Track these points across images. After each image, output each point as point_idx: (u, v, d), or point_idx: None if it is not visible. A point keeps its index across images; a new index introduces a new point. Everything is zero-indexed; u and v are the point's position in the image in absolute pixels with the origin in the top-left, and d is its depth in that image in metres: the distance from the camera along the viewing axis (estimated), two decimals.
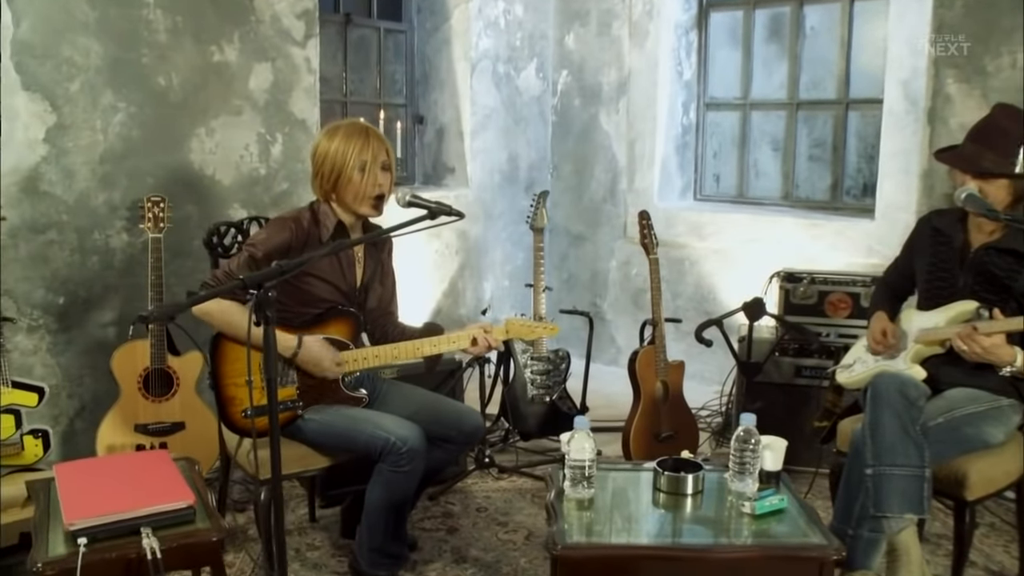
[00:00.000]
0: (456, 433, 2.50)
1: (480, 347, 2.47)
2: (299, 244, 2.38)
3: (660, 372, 3.22)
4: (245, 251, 2.37)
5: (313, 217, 2.44)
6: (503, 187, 4.88)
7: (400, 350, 2.45)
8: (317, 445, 2.43)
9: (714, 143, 4.92)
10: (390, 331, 2.66)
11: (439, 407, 2.55)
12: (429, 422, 2.47)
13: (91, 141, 3.15)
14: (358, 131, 2.41)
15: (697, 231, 4.59)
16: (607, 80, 4.84)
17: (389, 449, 2.31)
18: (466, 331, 2.49)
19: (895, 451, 2.21)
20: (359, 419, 2.39)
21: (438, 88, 4.74)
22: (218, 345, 2.38)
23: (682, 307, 4.62)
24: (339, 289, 2.47)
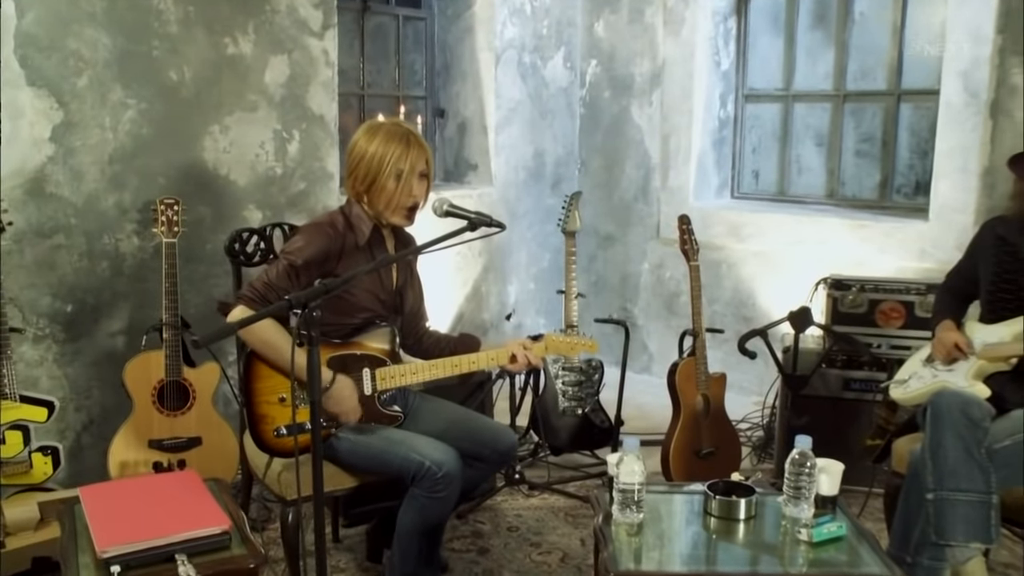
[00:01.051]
0: (489, 452, 2.52)
1: (519, 364, 2.50)
2: (337, 250, 2.41)
3: (701, 385, 3.23)
4: (283, 260, 2.38)
5: (347, 221, 2.46)
6: (528, 184, 4.89)
7: (438, 367, 2.48)
8: (349, 465, 2.46)
9: (753, 137, 4.91)
10: (424, 339, 2.70)
11: (471, 424, 2.57)
12: (461, 439, 2.49)
13: (100, 139, 3.18)
14: (399, 135, 2.41)
15: (735, 232, 4.58)
16: (639, 71, 4.84)
17: (424, 474, 2.32)
18: (505, 347, 2.52)
19: (958, 475, 2.23)
20: (394, 440, 2.41)
21: (460, 79, 4.74)
22: (251, 361, 2.41)
23: (719, 313, 4.62)
24: (378, 296, 2.49)
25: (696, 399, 3.23)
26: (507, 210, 4.76)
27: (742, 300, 4.57)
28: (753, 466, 3.71)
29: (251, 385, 2.40)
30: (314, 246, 2.40)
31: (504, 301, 4.84)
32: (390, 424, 2.50)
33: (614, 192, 5.03)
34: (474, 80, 4.69)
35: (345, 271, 2.39)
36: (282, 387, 2.41)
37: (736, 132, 4.89)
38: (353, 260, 2.43)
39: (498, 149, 4.70)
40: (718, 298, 4.63)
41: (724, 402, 3.31)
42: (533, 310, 4.99)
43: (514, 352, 2.50)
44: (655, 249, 4.89)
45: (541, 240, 4.94)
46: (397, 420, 2.51)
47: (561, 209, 3.60)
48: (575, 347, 2.62)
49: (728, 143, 4.90)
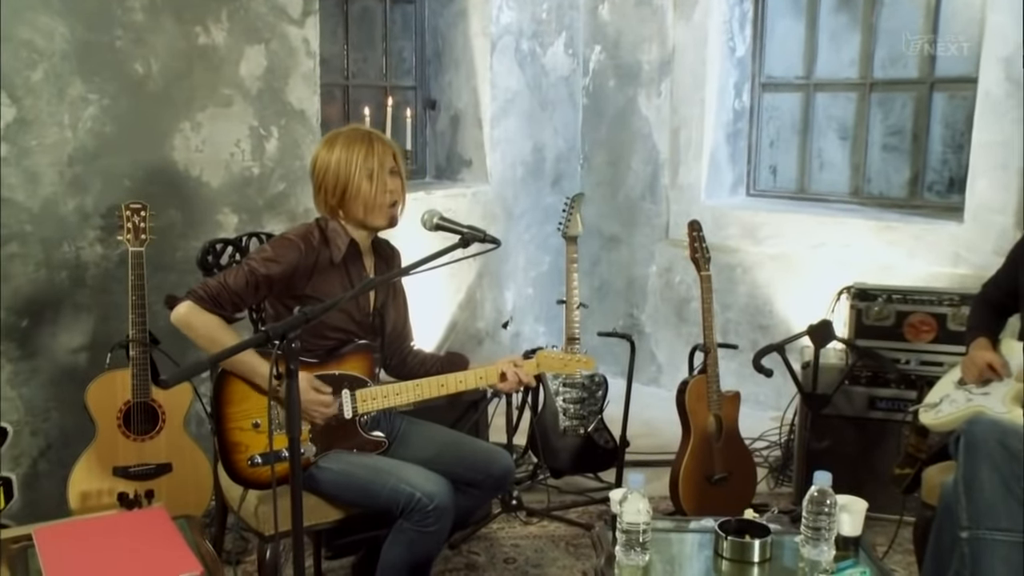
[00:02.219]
0: (484, 477, 2.52)
1: (510, 383, 2.52)
2: (308, 267, 2.41)
3: (712, 405, 3.21)
4: (246, 266, 2.39)
5: (323, 235, 2.46)
6: (527, 182, 4.87)
7: (423, 388, 2.48)
8: (332, 497, 2.45)
9: (771, 130, 4.88)
10: (409, 359, 2.70)
11: (463, 448, 2.57)
12: (453, 464, 2.50)
13: (58, 139, 3.14)
14: (359, 137, 2.45)
15: (751, 233, 4.57)
16: (647, 58, 4.81)
17: (414, 506, 2.31)
18: (495, 365, 2.53)
19: (996, 513, 2.19)
20: (381, 470, 2.39)
21: (453, 68, 4.72)
22: (223, 383, 2.39)
23: (733, 321, 4.60)
24: (352, 317, 2.49)
25: (707, 421, 3.21)
26: (503, 209, 4.75)
27: (758, 307, 4.55)
28: (771, 489, 3.69)
29: (222, 410, 2.38)
30: (283, 262, 2.40)
31: (500, 308, 4.82)
32: (374, 450, 2.49)
33: (619, 190, 5.00)
34: (468, 69, 4.66)
35: (315, 290, 2.41)
36: (256, 411, 2.39)
37: (752, 124, 4.87)
38: (326, 278, 2.43)
39: (494, 143, 4.68)
40: (732, 305, 4.61)
41: (738, 423, 3.29)
42: (532, 317, 4.97)
43: (504, 370, 2.51)
44: (663, 251, 4.87)
45: (540, 242, 4.92)
46: (381, 446, 2.50)
47: (562, 211, 3.59)
48: (570, 365, 2.61)
49: (743, 136, 4.88)
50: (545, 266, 4.98)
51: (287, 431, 1.88)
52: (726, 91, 4.74)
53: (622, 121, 4.95)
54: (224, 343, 2.26)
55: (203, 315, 2.34)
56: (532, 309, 4.98)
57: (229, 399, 2.39)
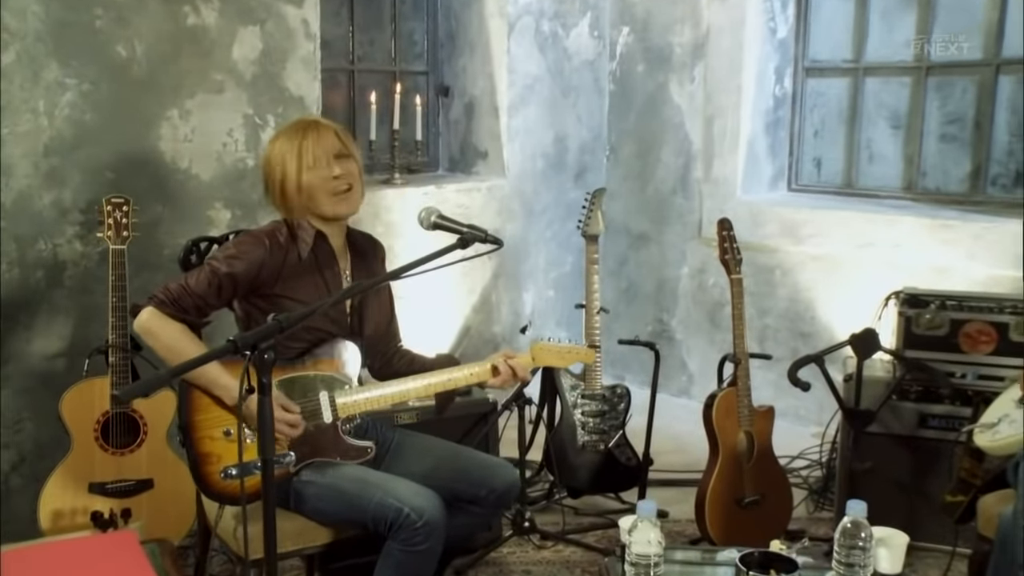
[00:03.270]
0: (485, 493, 2.51)
1: (503, 378, 2.52)
2: (275, 266, 2.42)
3: (743, 421, 3.14)
4: (207, 266, 2.40)
5: (290, 232, 2.48)
6: (547, 175, 4.84)
7: (409, 388, 2.48)
8: (318, 514, 2.43)
9: (815, 119, 4.82)
10: (395, 361, 2.70)
11: (463, 461, 2.56)
12: (451, 479, 2.49)
13: (32, 127, 3.12)
14: (297, 128, 2.48)
15: (791, 232, 4.49)
16: (679, 40, 4.77)
17: (401, 522, 2.29)
18: (486, 361, 2.54)
19: None
20: (368, 483, 2.38)
21: (467, 52, 4.69)
22: (190, 389, 2.37)
23: (771, 328, 4.54)
24: (327, 315, 2.48)
25: (738, 438, 3.14)
26: (522, 205, 4.71)
27: (798, 313, 4.48)
28: (810, 514, 3.61)
29: (190, 418, 2.36)
30: (247, 259, 2.40)
31: (518, 312, 4.78)
32: (359, 458, 2.48)
33: (648, 184, 4.96)
34: (483, 52, 4.63)
35: (286, 290, 2.42)
36: (228, 418, 2.37)
37: (795, 113, 4.80)
38: (296, 277, 2.45)
39: (512, 134, 4.65)
40: (770, 310, 4.55)
41: (771, 441, 3.22)
42: (553, 322, 4.92)
43: (496, 365, 2.51)
44: (696, 251, 4.81)
45: (562, 240, 4.87)
46: (366, 453, 2.49)
47: (582, 208, 3.55)
48: (567, 357, 2.63)
49: (784, 126, 4.81)
50: (567, 266, 4.93)
51: (260, 451, 1.85)
52: (765, 76, 4.68)
53: (652, 109, 4.90)
54: (186, 353, 2.25)
55: (165, 322, 2.34)
56: (553, 313, 4.93)
57: (197, 406, 2.37)
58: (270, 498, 1.85)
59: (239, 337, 1.80)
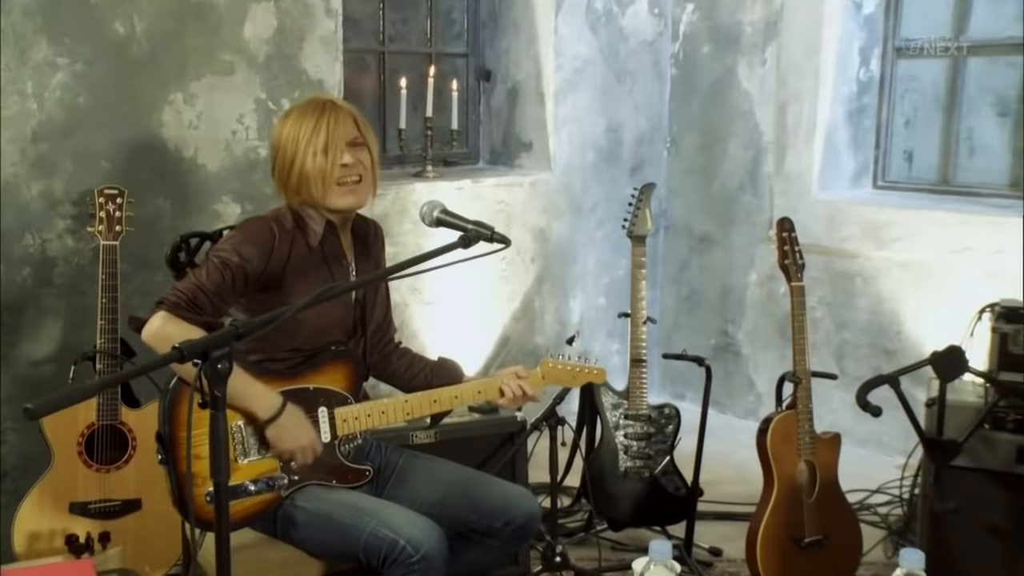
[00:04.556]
0: (502, 525, 2.48)
1: (510, 398, 2.57)
2: (283, 252, 2.41)
3: (803, 449, 3.04)
4: (214, 258, 2.38)
5: (296, 218, 2.48)
6: (599, 169, 4.79)
7: (413, 404, 2.50)
8: (305, 544, 2.41)
9: (907, 106, 4.71)
10: (394, 358, 2.72)
11: (477, 489, 2.54)
12: (463, 509, 2.48)
13: (20, 110, 3.11)
14: (313, 107, 2.48)
15: (875, 234, 4.40)
16: (749, 18, 4.71)
17: (396, 556, 2.26)
18: (494, 377, 2.58)
19: None
20: (362, 510, 2.35)
21: (511, 32, 4.66)
22: (175, 402, 2.31)
23: (850, 343, 4.45)
24: (332, 316, 2.49)
25: (796, 468, 3.03)
26: (570, 202, 4.69)
27: (882, 327, 4.38)
28: (888, 558, 3.47)
29: (174, 433, 2.31)
30: (257, 245, 2.38)
31: (564, 321, 4.74)
32: (356, 482, 2.47)
33: (714, 179, 4.91)
34: (529, 32, 4.58)
35: (294, 279, 2.42)
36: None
37: (882, 99, 4.72)
38: (303, 270, 2.44)
39: (559, 123, 4.61)
40: (849, 323, 4.47)
41: (837, 473, 3.11)
42: (603, 332, 4.86)
43: (504, 384, 2.56)
44: (766, 255, 4.71)
45: (615, 242, 4.81)
46: (363, 477, 2.48)
47: (628, 205, 3.49)
48: (579, 376, 2.69)
49: (870, 114, 4.73)
50: (621, 271, 4.90)
51: (212, 473, 1.78)
52: (848, 58, 4.59)
53: (718, 96, 4.86)
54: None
55: (184, 327, 2.30)
56: (604, 322, 4.87)
57: (182, 420, 2.31)
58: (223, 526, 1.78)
59: (185, 344, 1.72)
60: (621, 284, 4.84)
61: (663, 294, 5.08)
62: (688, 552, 3.34)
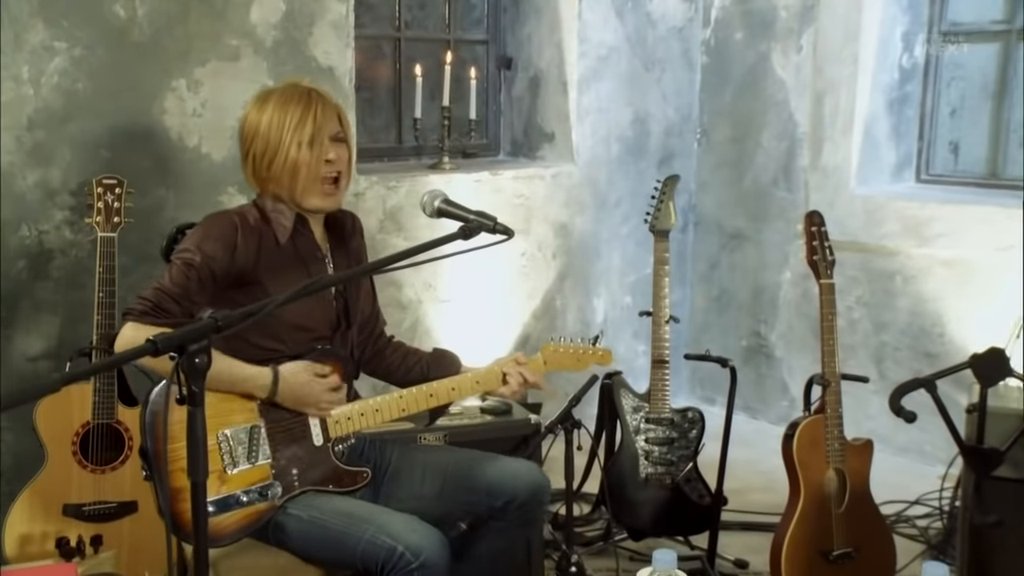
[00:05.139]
0: (503, 503, 2.48)
1: (512, 388, 2.55)
2: (250, 247, 2.40)
3: (832, 456, 3.01)
4: (176, 260, 2.38)
5: (261, 214, 2.47)
6: (624, 161, 4.78)
7: (408, 400, 2.49)
8: (300, 552, 2.39)
9: (953, 95, 4.66)
10: (388, 353, 2.72)
11: (474, 470, 2.54)
12: (464, 495, 2.50)
13: (15, 96, 3.12)
14: (296, 95, 2.45)
15: (917, 231, 4.36)
16: (784, 2, 4.70)
17: (395, 563, 2.24)
18: (493, 366, 2.57)
19: None
20: (357, 517, 2.34)
21: (533, 17, 4.65)
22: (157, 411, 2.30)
23: (890, 345, 4.43)
24: (311, 310, 2.47)
25: (825, 476, 2.99)
26: (594, 196, 4.68)
27: (923, 329, 4.34)
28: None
29: (156, 447, 2.30)
30: (219, 241, 2.37)
31: (587, 320, 4.71)
32: (353, 485, 2.46)
33: (746, 173, 4.89)
34: (551, 18, 4.57)
35: (272, 278, 2.40)
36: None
37: (927, 88, 4.68)
38: (276, 268, 2.42)
39: (583, 113, 4.60)
40: (889, 325, 4.43)
41: (868, 481, 3.07)
42: (629, 333, 4.83)
43: (505, 372, 2.54)
44: (801, 253, 4.55)
45: (641, 238, 4.75)
46: (362, 479, 2.47)
47: (651, 198, 3.48)
48: (584, 359, 2.71)
49: (913, 103, 4.69)
50: (648, 268, 4.78)
51: (189, 472, 1.77)
52: (890, 43, 4.55)
53: (751, 85, 4.84)
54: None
55: (151, 332, 2.25)
56: (630, 322, 4.84)
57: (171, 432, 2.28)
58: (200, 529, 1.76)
59: (159, 337, 1.70)
60: (648, 282, 4.73)
61: (692, 293, 5.05)
62: (711, 564, 3.31)
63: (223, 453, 2.28)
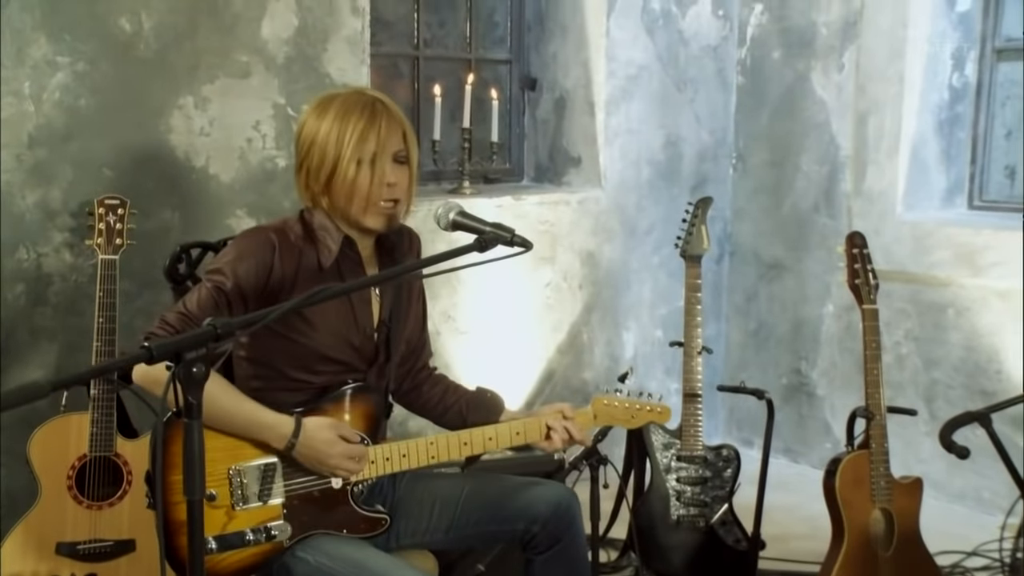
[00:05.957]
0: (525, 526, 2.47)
1: (556, 443, 2.51)
2: (287, 269, 2.36)
3: (878, 495, 3.00)
4: (207, 282, 2.33)
5: (306, 231, 2.42)
6: (656, 187, 4.80)
7: (439, 447, 2.45)
8: None
9: (1008, 115, 4.64)
10: (426, 388, 2.68)
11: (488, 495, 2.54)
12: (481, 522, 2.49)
13: (15, 112, 3.15)
14: (361, 106, 2.38)
15: (970, 260, 4.34)
16: (825, 18, 4.70)
17: None
18: (537, 416, 2.54)
19: None
20: (370, 569, 2.30)
21: (559, 35, 4.68)
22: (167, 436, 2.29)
23: (942, 383, 4.39)
24: (350, 341, 2.43)
25: (870, 517, 2.99)
26: (623, 223, 4.69)
27: (978, 365, 4.30)
28: None
29: (166, 477, 2.29)
30: (253, 262, 2.33)
31: (616, 356, 4.72)
32: (369, 533, 2.42)
33: (785, 199, 4.90)
34: (578, 36, 4.60)
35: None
36: (210, 479, 2.26)
37: (979, 108, 4.66)
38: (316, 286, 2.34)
39: (611, 135, 4.61)
40: (941, 360, 4.40)
41: (918, 523, 3.05)
42: (661, 369, 4.82)
43: (550, 425, 2.50)
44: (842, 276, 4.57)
45: (674, 269, 4.74)
46: (379, 526, 2.43)
47: (682, 221, 3.50)
48: (639, 415, 2.65)
49: (965, 125, 4.68)
50: (681, 301, 4.70)
51: (185, 491, 1.77)
52: (939, 61, 4.54)
53: (789, 106, 4.85)
54: (219, 401, 2.20)
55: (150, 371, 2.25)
56: (661, 358, 4.84)
57: (174, 461, 2.24)
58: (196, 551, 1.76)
59: (155, 344, 1.69)
60: (679, 315, 4.76)
61: (728, 328, 5.04)
62: None
63: (233, 488, 2.27)
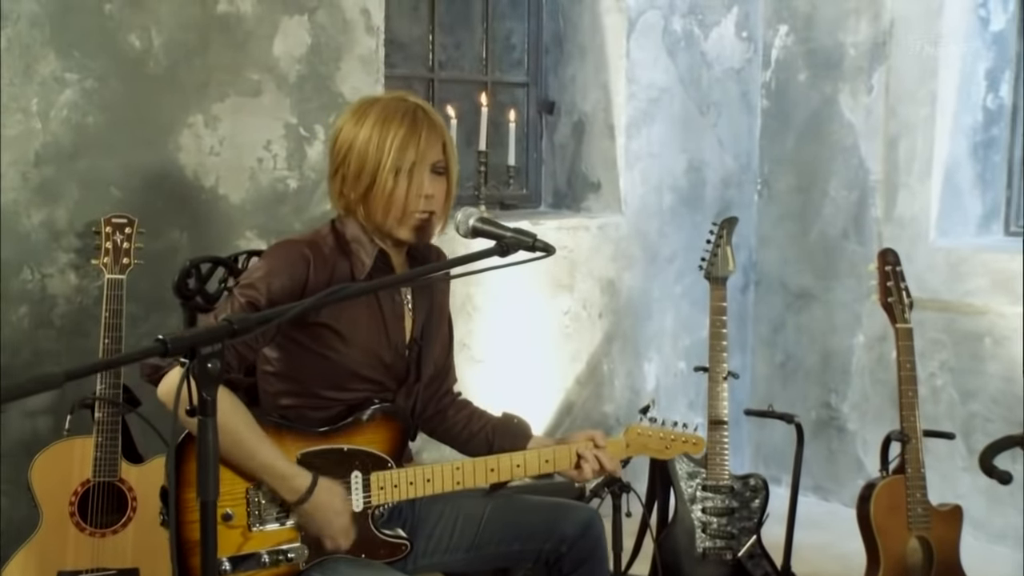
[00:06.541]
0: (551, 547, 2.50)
1: (586, 473, 2.51)
2: (320, 282, 2.35)
3: (915, 522, 3.01)
4: (240, 296, 2.34)
5: (338, 243, 2.43)
6: (678, 213, 4.82)
7: (464, 473, 2.45)
8: None
9: None
10: (451, 413, 2.67)
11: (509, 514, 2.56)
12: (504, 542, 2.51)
13: (23, 130, 3.17)
14: (402, 113, 2.37)
15: (1008, 287, 4.33)
16: (853, 39, 4.72)
17: None
18: (567, 444, 2.53)
19: None
20: None
21: (577, 57, 4.70)
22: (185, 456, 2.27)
23: (979, 415, 4.38)
24: (381, 358, 2.44)
25: (907, 546, 3.00)
26: (644, 250, 4.70)
27: (1018, 397, 4.26)
28: None
29: (181, 494, 2.30)
30: (288, 277, 2.33)
31: (637, 387, 4.72)
32: (389, 558, 2.41)
33: (812, 225, 4.92)
34: (597, 57, 4.63)
35: (333, 319, 2.37)
36: (228, 498, 2.30)
37: (1015, 130, 4.71)
38: (346, 303, 2.35)
39: (632, 159, 4.63)
40: (978, 392, 4.40)
41: (959, 552, 3.05)
42: (684, 402, 4.83)
43: (580, 454, 2.49)
44: (875, 313, 4.52)
45: (697, 297, 4.75)
46: (399, 552, 2.43)
47: (706, 243, 3.52)
48: (673, 446, 2.65)
49: (1000, 148, 4.73)
50: (704, 331, 4.71)
51: (199, 492, 1.79)
52: (973, 82, 4.58)
53: (816, 129, 4.88)
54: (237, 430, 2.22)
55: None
56: (684, 390, 4.85)
57: (189, 479, 2.25)
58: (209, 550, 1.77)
59: (170, 337, 1.71)
60: (703, 345, 4.78)
61: (754, 360, 5.04)
62: None
63: (251, 508, 2.28)
